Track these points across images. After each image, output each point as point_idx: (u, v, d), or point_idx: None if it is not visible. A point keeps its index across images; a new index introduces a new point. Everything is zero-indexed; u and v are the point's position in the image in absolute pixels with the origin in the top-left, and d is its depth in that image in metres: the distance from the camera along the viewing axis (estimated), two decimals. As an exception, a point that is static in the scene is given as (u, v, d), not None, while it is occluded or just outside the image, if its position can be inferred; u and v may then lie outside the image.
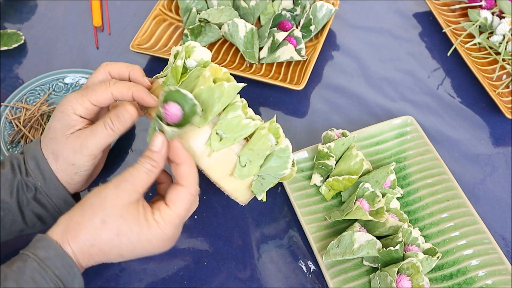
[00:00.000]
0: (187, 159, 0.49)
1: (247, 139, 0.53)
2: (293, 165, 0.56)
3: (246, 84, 0.53)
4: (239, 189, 0.54)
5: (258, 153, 0.52)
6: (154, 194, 0.58)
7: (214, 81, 0.50)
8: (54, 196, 0.54)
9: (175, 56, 0.55)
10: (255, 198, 0.57)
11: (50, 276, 0.45)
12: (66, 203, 0.55)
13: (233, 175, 0.53)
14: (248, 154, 0.52)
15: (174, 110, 0.49)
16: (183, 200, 0.49)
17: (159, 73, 0.58)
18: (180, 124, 0.50)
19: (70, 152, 0.53)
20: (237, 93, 0.52)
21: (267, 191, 0.64)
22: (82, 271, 0.49)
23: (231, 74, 0.50)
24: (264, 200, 0.58)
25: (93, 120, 0.56)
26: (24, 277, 0.45)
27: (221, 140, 0.51)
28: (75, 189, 0.57)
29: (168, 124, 0.49)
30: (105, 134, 0.52)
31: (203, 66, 0.53)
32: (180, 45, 0.83)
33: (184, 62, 0.53)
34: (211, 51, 0.83)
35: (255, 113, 0.78)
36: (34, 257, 0.46)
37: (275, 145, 0.54)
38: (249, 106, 0.79)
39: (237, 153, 0.52)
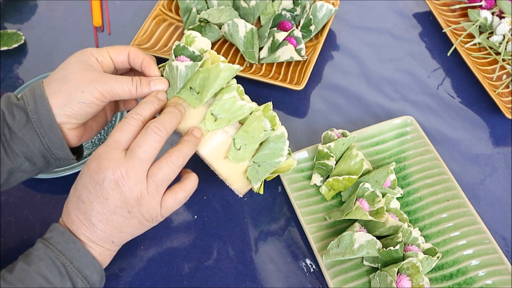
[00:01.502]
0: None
1: (242, 123, 0.54)
2: (289, 154, 0.56)
3: (241, 67, 0.54)
4: (234, 174, 0.55)
5: (253, 136, 0.53)
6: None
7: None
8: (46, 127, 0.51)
9: (175, 53, 0.55)
10: (254, 198, 0.57)
11: (53, 251, 0.47)
12: (62, 148, 0.53)
13: (227, 157, 0.53)
14: (243, 136, 0.53)
15: (185, 59, 0.53)
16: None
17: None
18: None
19: (85, 79, 0.51)
20: (233, 77, 0.53)
21: (267, 191, 0.64)
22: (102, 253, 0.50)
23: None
24: (261, 192, 0.58)
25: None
26: (31, 256, 0.48)
27: (215, 120, 0.52)
28: (67, 128, 0.53)
29: None
30: (128, 88, 0.52)
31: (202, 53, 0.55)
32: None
33: (185, 46, 0.54)
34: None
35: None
36: (41, 239, 0.49)
37: (271, 130, 0.54)
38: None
39: (232, 135, 0.53)
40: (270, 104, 0.55)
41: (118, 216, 0.49)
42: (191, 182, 0.52)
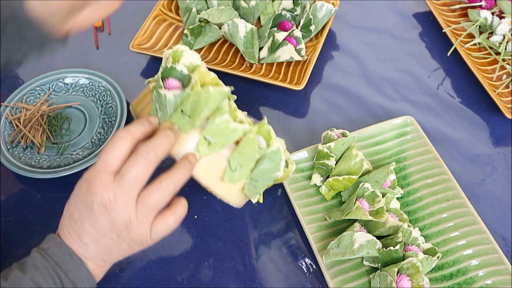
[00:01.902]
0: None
1: (237, 142, 0.53)
2: (286, 166, 0.55)
3: (232, 87, 0.52)
4: (231, 193, 0.54)
5: (248, 157, 0.52)
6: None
7: (202, 86, 0.50)
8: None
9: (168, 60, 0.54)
10: (254, 198, 0.57)
11: (50, 262, 0.47)
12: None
13: (223, 179, 0.52)
14: (238, 158, 0.51)
15: (173, 82, 0.51)
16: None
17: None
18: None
19: None
20: (226, 97, 0.51)
21: (267, 191, 0.64)
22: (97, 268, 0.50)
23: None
24: (261, 201, 0.57)
25: None
26: (27, 265, 0.47)
27: (209, 145, 0.50)
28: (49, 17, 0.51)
29: None
30: None
31: (192, 70, 0.52)
32: (180, 44, 0.84)
33: (173, 66, 0.52)
34: (211, 51, 0.83)
35: (256, 113, 0.78)
36: (37, 248, 0.49)
37: (266, 147, 0.53)
38: (249, 106, 0.79)
39: (227, 157, 0.51)
40: (264, 120, 0.54)
41: (107, 239, 0.48)
42: (181, 207, 0.51)
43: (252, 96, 0.79)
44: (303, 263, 0.62)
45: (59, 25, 0.52)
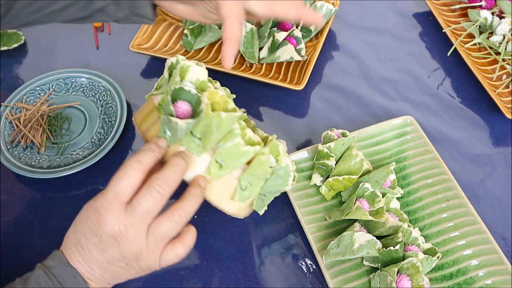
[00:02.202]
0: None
1: (247, 163, 0.52)
2: (293, 179, 0.55)
3: (245, 111, 0.52)
4: (240, 209, 0.54)
5: (259, 177, 0.51)
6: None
7: (212, 107, 0.49)
8: None
9: (170, 69, 0.53)
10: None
11: (53, 281, 0.46)
12: None
13: (233, 199, 0.52)
14: (249, 178, 0.51)
15: (185, 106, 0.49)
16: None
17: (157, 74, 0.57)
18: (192, 117, 0.50)
19: None
20: (237, 121, 0.49)
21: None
22: None
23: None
24: (266, 208, 0.57)
25: None
26: (30, 282, 0.46)
27: (220, 167, 0.50)
28: None
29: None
30: None
31: (199, 87, 0.51)
32: (180, 44, 0.84)
33: (182, 88, 0.50)
34: (211, 51, 0.83)
35: (256, 113, 0.78)
36: (42, 265, 0.48)
37: (276, 164, 0.52)
38: (249, 106, 0.79)
39: (237, 177, 0.51)
40: (274, 139, 0.53)
41: (115, 267, 0.48)
42: (191, 236, 0.51)
43: (252, 96, 0.79)
44: (303, 263, 0.62)
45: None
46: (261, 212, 0.56)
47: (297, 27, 0.84)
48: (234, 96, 0.57)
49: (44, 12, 0.56)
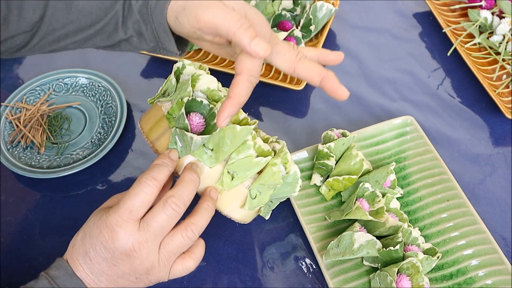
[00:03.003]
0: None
1: (258, 173, 0.52)
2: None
3: (257, 121, 0.52)
4: (247, 216, 0.54)
5: (269, 187, 0.52)
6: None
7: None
8: (156, 19, 0.52)
9: (176, 74, 0.52)
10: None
11: None
12: (165, 33, 0.52)
13: (243, 207, 0.52)
14: (259, 187, 0.51)
15: (198, 119, 0.49)
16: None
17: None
18: (204, 132, 0.49)
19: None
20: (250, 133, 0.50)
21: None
22: None
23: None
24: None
25: None
26: None
27: (232, 178, 0.50)
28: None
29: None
30: (233, 24, 0.47)
31: (209, 97, 0.51)
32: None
33: (194, 99, 0.50)
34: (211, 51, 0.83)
35: (256, 113, 0.78)
36: (46, 275, 0.47)
37: (285, 173, 0.53)
38: (249, 106, 0.79)
39: (247, 186, 0.51)
40: (284, 148, 0.53)
41: (125, 280, 0.48)
42: (200, 250, 0.51)
43: (252, 96, 0.78)
44: (303, 263, 0.62)
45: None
46: (266, 217, 0.56)
47: (297, 27, 0.84)
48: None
49: (67, 42, 0.56)
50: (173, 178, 0.53)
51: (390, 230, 0.60)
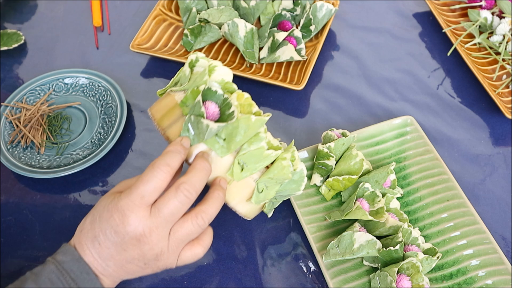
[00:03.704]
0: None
1: (267, 167, 0.53)
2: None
3: (270, 114, 0.52)
4: (252, 211, 0.55)
5: (277, 181, 0.52)
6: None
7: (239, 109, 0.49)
8: None
9: (190, 65, 0.53)
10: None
11: (66, 278, 0.46)
12: None
13: (249, 200, 0.52)
14: (267, 181, 0.52)
15: (213, 108, 0.49)
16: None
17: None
18: (219, 121, 0.50)
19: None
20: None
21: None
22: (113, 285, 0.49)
23: (236, 76, 0.50)
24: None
25: None
26: (42, 277, 0.46)
27: (242, 170, 0.50)
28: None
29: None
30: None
31: (224, 88, 0.51)
32: (180, 44, 0.84)
33: (210, 88, 0.50)
34: (211, 51, 0.83)
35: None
36: (53, 260, 0.47)
37: (293, 170, 0.53)
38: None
39: (256, 179, 0.52)
40: (293, 145, 0.54)
41: (133, 266, 0.48)
42: (209, 237, 0.51)
43: (252, 96, 0.79)
44: (303, 263, 0.62)
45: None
46: (269, 215, 0.56)
47: (297, 27, 0.84)
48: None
49: None
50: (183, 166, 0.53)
51: (390, 230, 0.60)
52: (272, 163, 0.52)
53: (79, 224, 0.49)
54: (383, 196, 0.63)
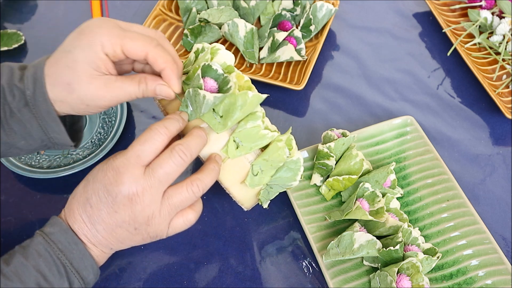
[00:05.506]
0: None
1: (261, 149, 0.53)
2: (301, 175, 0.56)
3: (268, 95, 0.52)
4: (247, 196, 0.55)
5: (272, 164, 0.52)
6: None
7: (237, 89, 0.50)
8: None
9: (196, 53, 0.54)
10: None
11: (54, 249, 0.46)
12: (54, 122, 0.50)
13: (244, 182, 0.53)
14: (262, 163, 0.52)
15: (212, 83, 0.50)
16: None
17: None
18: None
19: (92, 94, 0.48)
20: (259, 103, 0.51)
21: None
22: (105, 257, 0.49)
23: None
24: (267, 207, 0.58)
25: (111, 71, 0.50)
26: (30, 249, 0.46)
27: (237, 148, 0.51)
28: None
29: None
30: (134, 93, 0.50)
31: (224, 69, 0.52)
32: (180, 44, 0.84)
33: (210, 65, 0.51)
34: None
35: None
36: (41, 232, 0.47)
37: (288, 156, 0.54)
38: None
39: (251, 161, 0.52)
40: (290, 131, 0.54)
41: (123, 230, 0.48)
42: (200, 203, 0.51)
43: (252, 96, 0.79)
44: (303, 263, 0.62)
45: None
46: (265, 205, 0.56)
47: (297, 27, 0.84)
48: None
49: None
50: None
51: (390, 230, 0.60)
52: (268, 146, 0.53)
53: (71, 193, 0.49)
54: (383, 196, 0.63)
